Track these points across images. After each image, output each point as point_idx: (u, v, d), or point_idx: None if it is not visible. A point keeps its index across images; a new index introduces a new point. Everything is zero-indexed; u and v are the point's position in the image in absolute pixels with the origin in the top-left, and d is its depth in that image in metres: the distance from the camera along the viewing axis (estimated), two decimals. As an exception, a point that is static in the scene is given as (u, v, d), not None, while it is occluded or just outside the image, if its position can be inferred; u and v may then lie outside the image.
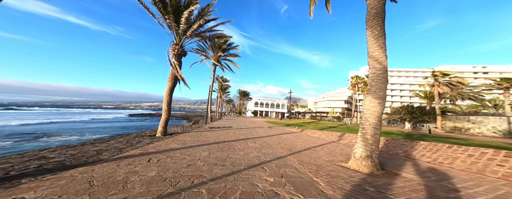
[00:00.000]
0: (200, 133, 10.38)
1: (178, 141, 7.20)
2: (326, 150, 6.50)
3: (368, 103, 4.25)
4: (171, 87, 9.01)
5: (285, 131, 14.02)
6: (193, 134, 9.54)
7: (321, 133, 11.23)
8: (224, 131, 11.65)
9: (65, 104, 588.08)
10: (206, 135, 9.59)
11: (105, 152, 4.95)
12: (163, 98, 8.94)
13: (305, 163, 4.72)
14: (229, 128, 13.96)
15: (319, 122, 27.99)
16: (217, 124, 18.88)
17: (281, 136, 10.56)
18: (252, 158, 5.07)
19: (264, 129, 14.61)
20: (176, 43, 9.59)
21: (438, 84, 18.53)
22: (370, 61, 4.43)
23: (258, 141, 8.37)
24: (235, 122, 22.74)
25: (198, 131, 11.12)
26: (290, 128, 16.03)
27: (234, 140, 8.15)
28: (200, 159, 4.67)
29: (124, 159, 4.27)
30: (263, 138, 9.43)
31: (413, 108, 20.41)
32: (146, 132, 9.72)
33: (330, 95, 68.83)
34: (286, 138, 9.52)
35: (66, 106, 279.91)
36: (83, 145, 5.96)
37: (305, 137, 10.14)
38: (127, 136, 7.96)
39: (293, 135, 11.02)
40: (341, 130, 14.26)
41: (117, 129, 20.48)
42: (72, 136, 13.62)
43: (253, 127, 16.69)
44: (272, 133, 11.79)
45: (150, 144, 6.36)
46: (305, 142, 8.34)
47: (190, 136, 8.86)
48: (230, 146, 6.68)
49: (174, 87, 9.23)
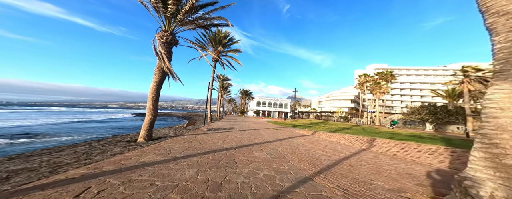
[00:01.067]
0: (195, 136, 8.61)
1: (160, 149, 5.43)
2: (368, 166, 4.58)
3: (508, 97, 2.13)
4: (158, 81, 7.25)
5: (294, 133, 12.14)
6: (185, 139, 7.77)
7: (339, 137, 9.31)
8: (224, 134, 9.87)
9: (72, 103, 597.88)
10: (202, 139, 7.81)
11: (21, 175, 3.11)
12: (148, 95, 7.17)
13: (356, 195, 2.85)
14: (229, 130, 12.17)
15: (327, 122, 25.97)
16: (217, 125, 17.11)
17: (292, 140, 8.70)
18: (262, 182, 3.26)
19: (270, 131, 12.77)
20: (165, 29, 7.83)
21: (468, 81, 16.29)
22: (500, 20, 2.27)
23: (265, 148, 6.55)
24: (237, 123, 20.95)
25: (193, 134, 9.36)
26: (299, 130, 14.14)
27: (235, 147, 6.34)
28: (179, 185, 2.89)
29: (37, 192, 2.48)
30: (271, 143, 7.59)
31: (437, 108, 18.21)
32: (126, 136, 7.98)
33: (334, 95, 66.42)
34: (300, 144, 7.65)
35: (73, 105, 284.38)
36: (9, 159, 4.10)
37: (323, 143, 8.24)
38: (97, 142, 6.24)
39: (306, 139, 9.14)
40: (358, 132, 12.31)
41: (114, 129, 19.06)
42: (47, 138, 12.04)
43: (256, 128, 14.87)
44: (280, 137, 9.95)
45: (118, 155, 4.60)
46: (327, 150, 6.46)
47: (180, 141, 7.09)
48: (230, 158, 4.87)
49: (162, 81, 7.47)
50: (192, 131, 10.92)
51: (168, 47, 7.67)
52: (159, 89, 7.39)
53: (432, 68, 61.54)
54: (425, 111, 18.78)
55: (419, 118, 19.21)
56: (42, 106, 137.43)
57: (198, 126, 15.06)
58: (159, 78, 7.29)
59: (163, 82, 7.61)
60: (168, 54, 7.63)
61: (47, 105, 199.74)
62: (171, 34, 7.84)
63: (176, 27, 8.23)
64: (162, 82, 7.50)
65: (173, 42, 7.89)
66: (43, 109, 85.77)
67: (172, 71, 7.21)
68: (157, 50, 7.17)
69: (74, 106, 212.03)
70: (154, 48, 7.16)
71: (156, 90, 7.20)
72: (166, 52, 7.51)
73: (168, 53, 7.64)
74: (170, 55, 7.75)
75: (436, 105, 18.96)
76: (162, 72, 7.32)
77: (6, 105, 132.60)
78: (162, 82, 7.47)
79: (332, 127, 17.12)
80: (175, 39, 8.00)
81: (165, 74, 7.48)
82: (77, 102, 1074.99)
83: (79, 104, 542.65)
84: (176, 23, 8.02)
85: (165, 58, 7.11)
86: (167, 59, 7.39)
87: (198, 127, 14.08)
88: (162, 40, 7.47)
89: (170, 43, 7.77)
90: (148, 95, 7.13)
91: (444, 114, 17.47)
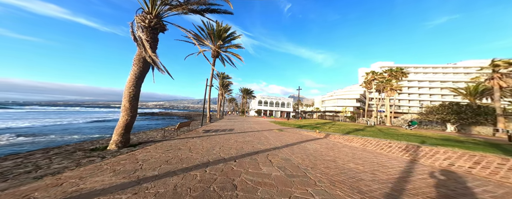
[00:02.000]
0: (187, 141, 7.07)
1: (128, 163, 3.87)
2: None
3: None
4: (138, 74, 5.70)
5: (303, 136, 10.52)
6: (173, 144, 6.23)
7: (362, 141, 7.65)
8: (223, 137, 8.31)
9: (76, 103, 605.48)
10: (194, 145, 6.25)
11: None
12: (123, 91, 5.58)
13: None
14: (229, 132, 10.61)
15: (335, 122, 24.25)
16: (216, 125, 15.58)
17: (304, 146, 7.09)
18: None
19: (275, 133, 11.18)
20: (148, 11, 6.26)
21: (500, 76, 14.40)
22: None
23: (274, 157, 4.97)
24: (238, 123, 19.38)
25: (186, 138, 7.82)
26: (307, 132, 12.51)
27: (235, 158, 4.77)
28: None
29: None
30: (281, 151, 6.00)
31: (461, 107, 16.33)
32: (97, 142, 6.37)
33: (338, 93, 64.41)
34: (317, 151, 6.04)
35: (77, 104, 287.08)
36: None
37: (345, 149, 6.60)
38: (52, 149, 4.70)
39: (322, 144, 7.52)
40: (376, 134, 10.65)
41: (109, 129, 17.73)
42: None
43: (259, 129, 13.28)
44: (289, 140, 8.35)
45: (49, 176, 3.03)
46: (360, 162, 4.83)
47: (165, 148, 5.54)
48: (227, 177, 3.31)
49: (143, 74, 5.90)
50: (186, 133, 9.38)
51: (152, 32, 6.11)
52: (140, 83, 5.83)
53: (441, 66, 59.03)
54: (446, 111, 16.91)
55: (440, 118, 17.35)
56: (49, 106, 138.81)
57: (195, 127, 13.54)
58: (140, 69, 5.74)
59: (145, 75, 6.06)
60: (152, 41, 6.07)
61: (52, 104, 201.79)
62: (156, 17, 6.27)
63: (162, 9, 6.66)
64: (144, 74, 5.95)
65: (158, 27, 6.32)
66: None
67: (156, 61, 5.65)
68: (136, 35, 5.60)
69: (78, 105, 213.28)
70: (131, 33, 5.58)
71: (135, 84, 5.64)
72: (149, 39, 5.96)
73: (152, 40, 6.08)
74: (154, 42, 6.19)
75: (459, 104, 17.07)
76: (143, 63, 5.76)
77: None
78: (143, 75, 5.92)
79: (343, 128, 15.44)
80: (161, 24, 6.43)
81: (148, 65, 5.92)
82: (81, 102, 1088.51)
83: (83, 103, 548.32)
84: (162, 5, 6.46)
85: (147, 45, 5.54)
86: (149, 46, 5.84)
87: (194, 128, 12.56)
88: (144, 24, 5.92)
89: (155, 28, 6.21)
90: (124, 90, 5.56)
91: (470, 114, 15.60)
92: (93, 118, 34.27)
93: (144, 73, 5.99)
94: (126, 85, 5.59)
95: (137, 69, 5.73)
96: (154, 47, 6.22)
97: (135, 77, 5.68)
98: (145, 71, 5.97)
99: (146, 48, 5.49)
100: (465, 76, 53.79)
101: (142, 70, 5.84)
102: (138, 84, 5.77)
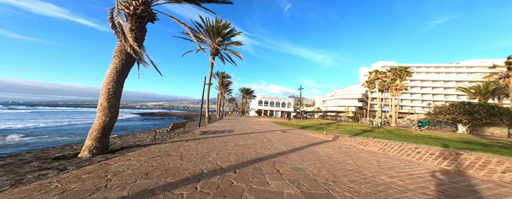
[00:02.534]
0: (180, 145, 6.16)
1: (92, 179, 2.95)
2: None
3: None
4: (119, 68, 4.76)
5: (310, 138, 9.62)
6: (162, 150, 5.31)
7: (380, 145, 6.74)
8: (221, 140, 7.40)
9: (76, 103, 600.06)
10: (187, 150, 5.34)
11: None
12: (101, 87, 4.63)
13: None
14: (229, 134, 9.69)
15: (339, 123, 23.34)
16: (215, 126, 14.67)
17: (314, 150, 6.18)
18: None
19: (278, 135, 10.27)
20: None
21: (517, 73, 13.52)
22: None
23: (283, 166, 4.07)
24: (238, 123, 18.46)
25: (179, 141, 6.91)
26: (313, 133, 11.60)
27: (234, 167, 3.87)
28: None
29: None
30: (288, 157, 5.09)
31: (474, 106, 15.45)
32: (70, 147, 5.35)
33: (340, 93, 63.55)
34: (332, 158, 5.13)
35: (76, 105, 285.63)
36: None
37: (364, 155, 5.68)
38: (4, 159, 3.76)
39: (334, 148, 6.61)
40: (388, 136, 9.76)
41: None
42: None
43: (261, 131, 12.37)
44: (295, 143, 7.44)
45: None
46: (393, 172, 3.92)
47: (149, 155, 4.62)
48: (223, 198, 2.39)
49: (126, 68, 4.94)
50: (181, 135, 8.45)
51: (138, 22, 5.18)
52: (122, 78, 4.87)
53: (443, 66, 58.21)
54: (458, 111, 16.04)
55: (451, 118, 16.47)
56: (49, 106, 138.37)
57: (192, 128, 12.62)
58: (122, 62, 4.80)
59: (129, 69, 5.12)
60: (138, 31, 5.14)
61: (52, 104, 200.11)
62: (143, 4, 5.35)
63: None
64: (127, 68, 4.99)
65: (146, 16, 5.38)
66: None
67: (138, 52, 4.70)
68: (115, 22, 4.65)
69: (78, 106, 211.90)
70: (109, 20, 4.63)
71: (116, 79, 4.69)
72: (135, 28, 5.04)
73: (138, 30, 5.15)
74: (141, 33, 5.24)
75: (471, 103, 16.20)
76: (126, 55, 4.82)
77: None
78: (126, 69, 4.96)
79: (350, 129, 14.53)
80: (150, 11, 5.48)
81: (132, 58, 4.98)
82: (81, 102, 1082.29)
83: (83, 103, 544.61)
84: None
85: (128, 33, 4.61)
86: (134, 37, 4.92)
87: (191, 129, 11.63)
88: (128, 11, 5.00)
89: (142, 17, 5.28)
90: (102, 86, 4.60)
91: (484, 114, 14.72)
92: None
93: (128, 67, 5.05)
94: (104, 81, 4.65)
95: (118, 62, 4.79)
96: (140, 38, 5.29)
97: (115, 71, 4.75)
98: (128, 64, 5.03)
99: (127, 36, 4.56)
100: (468, 76, 53.01)
101: (125, 64, 4.90)
102: (120, 79, 4.83)
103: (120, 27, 4.57)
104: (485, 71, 53.32)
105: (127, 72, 5.08)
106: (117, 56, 4.82)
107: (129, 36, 4.59)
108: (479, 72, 52.69)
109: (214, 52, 19.61)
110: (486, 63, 54.15)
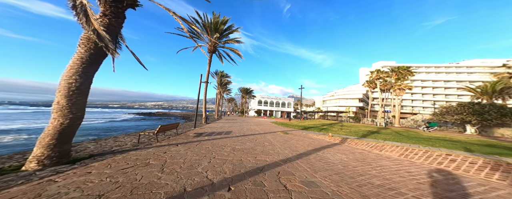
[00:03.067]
0: (166, 150, 5.24)
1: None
2: None
3: None
4: (85, 58, 3.78)
5: (314, 140, 8.75)
6: (141, 157, 4.39)
7: (399, 149, 5.88)
8: (216, 143, 6.48)
9: None
10: (173, 157, 4.43)
11: None
12: (59, 82, 3.64)
13: None
14: (226, 136, 8.77)
15: (342, 124, 22.52)
16: (212, 127, 13.74)
17: (324, 156, 5.30)
18: None
19: (280, 137, 9.39)
20: None
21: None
22: None
23: (291, 180, 3.18)
24: (237, 124, 17.53)
25: (168, 145, 5.98)
26: (316, 135, 10.74)
27: (229, 182, 2.97)
28: None
29: None
30: (294, 164, 4.21)
31: (484, 107, 14.71)
32: (23, 155, 4.34)
33: (340, 93, 62.92)
34: (348, 166, 4.25)
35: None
36: None
37: (386, 163, 4.81)
38: None
39: (346, 153, 5.74)
40: (399, 138, 8.95)
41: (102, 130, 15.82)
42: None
43: (261, 132, 11.47)
44: (300, 147, 6.55)
45: None
46: (442, 190, 3.05)
47: (120, 166, 3.70)
48: None
49: (95, 60, 3.92)
50: (171, 138, 7.51)
51: (113, 6, 4.19)
52: (89, 71, 3.87)
53: (444, 66, 57.86)
54: (467, 111, 15.29)
55: (459, 118, 15.72)
56: (46, 106, 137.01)
57: (187, 129, 11.67)
58: (89, 52, 3.82)
59: (101, 61, 4.13)
60: (114, 17, 4.14)
61: (49, 104, 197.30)
62: None
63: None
64: (96, 61, 3.98)
65: (125, 0, 4.43)
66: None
67: (105, 39, 3.69)
68: (76, 2, 3.65)
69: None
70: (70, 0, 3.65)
71: (81, 72, 3.69)
72: (109, 13, 4.08)
73: (115, 16, 4.15)
74: (118, 19, 4.26)
75: (480, 103, 15.48)
76: (95, 44, 3.87)
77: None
78: (95, 61, 3.95)
79: (355, 130, 13.69)
80: None
81: (100, 50, 3.94)
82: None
83: None
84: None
85: (93, 17, 3.63)
86: (101, 21, 3.92)
87: (185, 130, 10.69)
88: None
89: (119, 1, 4.32)
90: (60, 80, 3.63)
91: (495, 114, 13.98)
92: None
93: (98, 58, 4.06)
94: (63, 74, 3.67)
95: (85, 51, 3.82)
96: (116, 25, 4.31)
97: (81, 62, 3.78)
98: (99, 55, 4.03)
99: (90, 18, 3.59)
100: (468, 76, 52.69)
101: (94, 54, 3.93)
102: (87, 72, 3.86)
103: (83, 8, 3.62)
104: (486, 71, 53.25)
105: (98, 65, 4.12)
106: (83, 44, 3.86)
107: (94, 19, 3.65)
108: (479, 72, 52.46)
109: (212, 49, 18.69)
110: (486, 63, 53.87)
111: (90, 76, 3.98)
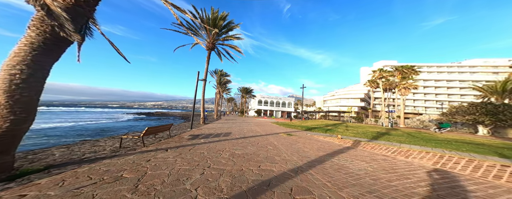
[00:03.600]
0: (151, 157, 4.34)
1: None
2: None
3: None
4: (37, 45, 2.86)
5: (324, 144, 7.87)
6: (113, 168, 3.49)
7: (430, 156, 5.00)
8: (213, 147, 5.57)
9: (72, 103, 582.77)
10: (156, 167, 3.53)
11: None
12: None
13: None
14: (224, 138, 7.86)
15: (347, 124, 21.68)
16: (210, 128, 12.82)
17: (341, 164, 4.42)
18: None
19: (284, 139, 8.50)
20: None
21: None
22: None
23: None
24: (236, 124, 16.62)
25: (156, 150, 5.08)
26: (323, 137, 9.86)
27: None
28: None
29: None
30: (307, 175, 3.33)
31: (497, 107, 13.90)
32: None
33: (341, 93, 62.15)
34: (379, 180, 3.38)
35: (73, 104, 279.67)
36: None
37: (423, 176, 3.91)
38: None
39: (366, 160, 4.87)
40: (414, 140, 8.10)
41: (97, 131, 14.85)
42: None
43: (262, 133, 10.57)
44: (309, 152, 5.66)
45: None
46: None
47: (76, 182, 2.79)
48: None
49: (51, 46, 2.91)
50: (162, 141, 6.59)
51: None
52: (43, 62, 2.88)
53: (445, 65, 57.23)
54: (479, 111, 14.48)
55: (471, 119, 14.90)
56: (46, 106, 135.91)
57: (181, 130, 10.76)
58: (42, 37, 2.85)
59: (62, 50, 3.18)
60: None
61: (47, 104, 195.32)
62: None
63: None
64: (54, 48, 3.00)
65: None
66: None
67: (61, 17, 2.74)
68: None
69: (74, 105, 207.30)
70: None
71: (28, 61, 2.76)
72: None
73: None
74: (90, 0, 3.33)
75: (493, 103, 14.68)
76: (52, 27, 2.92)
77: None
78: (52, 48, 2.95)
79: (362, 131, 12.83)
80: None
81: (58, 34, 2.97)
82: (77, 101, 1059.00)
83: (80, 103, 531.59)
84: None
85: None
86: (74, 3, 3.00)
87: (179, 132, 9.78)
88: None
89: None
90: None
91: (510, 115, 13.17)
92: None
93: (58, 44, 3.09)
94: (4, 62, 2.75)
95: (37, 35, 2.88)
96: (86, 7, 3.36)
97: (30, 48, 2.82)
98: (57, 41, 3.05)
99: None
100: (471, 75, 52.07)
101: (50, 39, 2.98)
102: (38, 62, 2.91)
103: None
104: (489, 71, 52.69)
105: (57, 53, 3.16)
106: (34, 26, 2.90)
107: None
108: (482, 71, 51.83)
109: (210, 46, 17.77)
110: (488, 63, 53.24)
111: (45, 67, 3.04)
